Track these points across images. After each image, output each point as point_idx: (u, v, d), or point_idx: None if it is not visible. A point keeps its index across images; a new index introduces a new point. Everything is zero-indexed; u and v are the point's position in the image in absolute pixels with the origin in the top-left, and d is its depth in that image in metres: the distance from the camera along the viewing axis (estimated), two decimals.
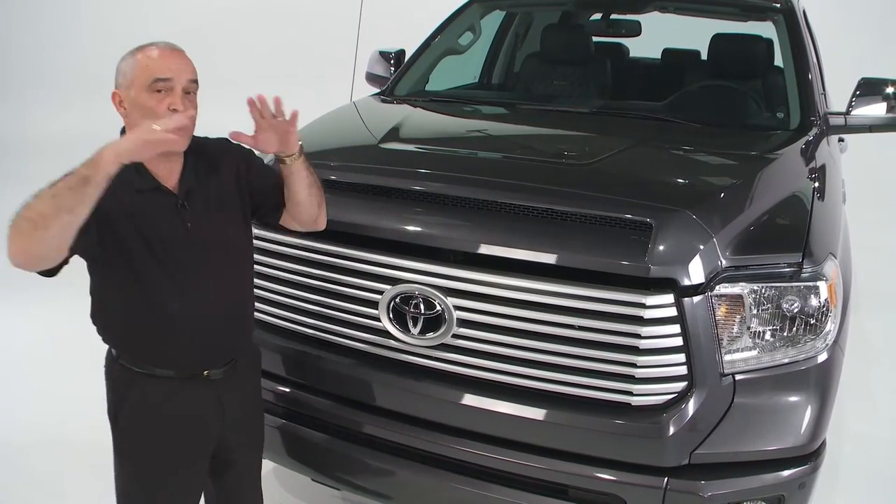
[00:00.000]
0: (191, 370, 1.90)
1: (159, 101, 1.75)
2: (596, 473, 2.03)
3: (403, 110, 3.23)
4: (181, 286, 1.81)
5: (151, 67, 1.75)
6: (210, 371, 1.92)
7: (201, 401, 1.93)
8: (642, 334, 1.94)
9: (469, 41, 3.96)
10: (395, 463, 2.21)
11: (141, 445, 1.91)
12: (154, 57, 1.77)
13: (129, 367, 1.88)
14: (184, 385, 1.90)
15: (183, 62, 1.81)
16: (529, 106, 3.41)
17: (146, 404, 1.88)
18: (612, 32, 4.29)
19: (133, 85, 1.76)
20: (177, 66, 1.78)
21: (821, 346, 2.04)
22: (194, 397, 1.92)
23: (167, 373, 1.88)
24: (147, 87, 1.74)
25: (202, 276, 1.85)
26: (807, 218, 2.24)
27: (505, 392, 2.09)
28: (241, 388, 2.04)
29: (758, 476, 2.02)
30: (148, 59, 1.76)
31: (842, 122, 3.02)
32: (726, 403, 2.00)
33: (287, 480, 3.05)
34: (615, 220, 2.02)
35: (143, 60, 1.76)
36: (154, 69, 1.75)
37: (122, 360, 1.89)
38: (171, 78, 1.76)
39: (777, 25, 3.38)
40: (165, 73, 1.75)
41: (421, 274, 2.10)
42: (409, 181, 2.27)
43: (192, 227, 1.84)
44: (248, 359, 2.07)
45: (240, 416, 2.04)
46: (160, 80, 1.74)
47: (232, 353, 1.98)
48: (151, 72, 1.75)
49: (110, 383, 1.93)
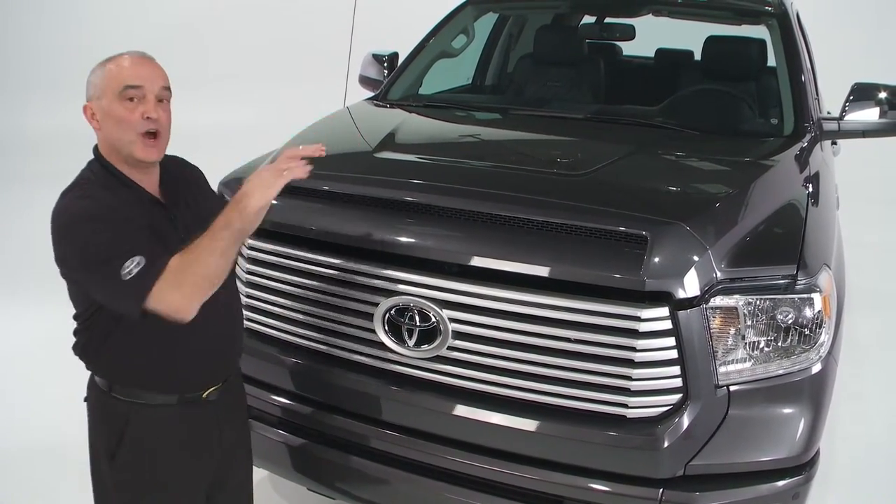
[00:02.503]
0: (194, 391, 1.87)
1: (131, 109, 1.72)
2: (591, 485, 2.03)
3: (397, 116, 3.22)
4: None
5: (121, 76, 1.72)
6: (209, 392, 1.90)
7: (201, 424, 1.91)
8: (637, 347, 1.94)
9: (463, 44, 3.96)
10: (390, 473, 2.21)
11: (143, 477, 1.85)
12: (124, 66, 1.74)
13: (125, 399, 1.82)
14: (184, 410, 1.86)
15: (153, 69, 1.77)
16: (523, 111, 3.41)
17: (148, 435, 1.83)
18: (605, 36, 4.29)
19: (104, 95, 1.73)
20: (147, 73, 1.75)
21: (815, 358, 2.05)
22: (194, 421, 1.89)
23: (168, 399, 1.83)
24: (118, 96, 1.71)
25: None
26: (801, 228, 2.24)
27: (500, 404, 2.09)
28: (233, 406, 2.03)
29: (752, 487, 2.03)
30: (118, 67, 1.74)
31: (835, 127, 3.02)
32: (721, 415, 2.01)
33: (283, 489, 3.05)
34: (610, 233, 2.02)
35: (112, 70, 1.74)
36: (124, 77, 1.72)
37: (116, 392, 1.83)
38: (142, 85, 1.73)
39: (771, 30, 3.39)
40: (136, 81, 1.72)
41: (416, 286, 2.10)
42: (404, 192, 2.27)
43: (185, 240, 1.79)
44: (237, 377, 2.06)
45: (233, 434, 2.03)
46: (130, 87, 1.72)
47: (229, 369, 1.97)
48: (121, 80, 1.72)
49: (103, 418, 1.85)
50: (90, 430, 1.91)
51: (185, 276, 1.62)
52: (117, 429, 1.83)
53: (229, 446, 2.01)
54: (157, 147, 1.76)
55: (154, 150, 1.76)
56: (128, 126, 1.71)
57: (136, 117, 1.71)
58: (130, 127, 1.71)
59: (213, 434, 1.94)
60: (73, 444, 3.21)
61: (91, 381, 1.90)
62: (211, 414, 1.92)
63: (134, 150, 1.73)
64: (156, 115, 1.73)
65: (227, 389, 1.96)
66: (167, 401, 1.84)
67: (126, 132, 1.72)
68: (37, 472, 3.15)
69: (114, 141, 1.75)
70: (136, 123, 1.71)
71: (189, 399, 1.87)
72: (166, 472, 1.87)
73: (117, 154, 1.76)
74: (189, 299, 1.64)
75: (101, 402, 1.86)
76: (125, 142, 1.73)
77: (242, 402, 2.12)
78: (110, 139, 1.75)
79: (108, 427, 1.84)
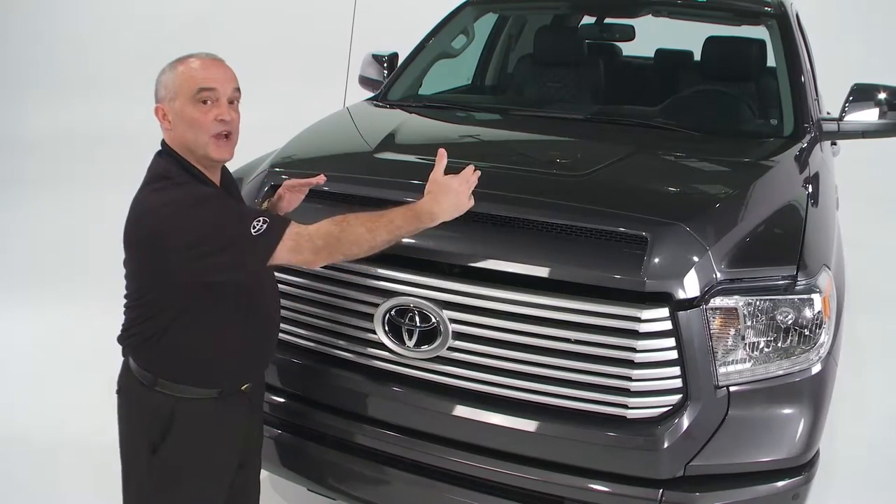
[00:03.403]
0: (236, 384, 1.93)
1: (205, 112, 1.76)
2: (591, 486, 2.03)
3: (397, 117, 3.22)
4: (247, 303, 1.83)
5: (195, 78, 1.76)
6: (248, 385, 1.96)
7: (238, 415, 1.97)
8: (638, 348, 1.94)
9: (462, 44, 3.96)
10: (390, 474, 2.22)
11: (184, 467, 1.89)
12: (196, 67, 1.77)
13: (171, 393, 1.85)
14: (224, 402, 1.91)
15: (225, 71, 1.81)
16: (523, 112, 3.41)
17: (191, 427, 1.87)
18: (605, 37, 4.29)
19: (177, 97, 1.76)
20: (220, 75, 1.79)
21: (814, 358, 2.06)
22: (233, 412, 1.95)
23: (210, 393, 1.88)
24: (192, 98, 1.75)
25: (261, 287, 1.87)
26: (801, 229, 2.25)
27: (500, 404, 2.09)
28: (259, 398, 2.11)
29: (752, 487, 2.04)
30: (190, 69, 1.77)
31: (835, 127, 3.03)
32: (721, 415, 2.01)
33: (283, 490, 3.05)
34: (611, 234, 2.02)
35: (185, 72, 1.77)
36: (198, 79, 1.76)
37: (161, 387, 1.85)
38: (216, 88, 1.77)
39: (770, 30, 3.39)
40: (210, 83, 1.76)
41: (416, 286, 2.10)
42: (404, 193, 2.26)
43: None
44: None
45: (258, 425, 2.11)
46: (205, 89, 1.75)
47: (267, 362, 2.04)
48: (196, 82, 1.75)
49: (144, 411, 1.87)
50: (125, 424, 1.94)
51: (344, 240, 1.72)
52: (161, 422, 1.85)
53: (253, 436, 2.09)
54: (229, 146, 1.82)
55: (227, 149, 1.81)
56: (201, 128, 1.75)
57: (209, 119, 1.76)
58: (204, 129, 1.75)
59: (244, 425, 2.00)
60: (73, 445, 3.24)
61: (127, 375, 1.92)
62: (245, 406, 1.98)
63: (209, 151, 1.78)
64: (229, 118, 1.78)
65: (258, 383, 2.04)
66: (209, 395, 1.88)
67: (200, 134, 1.76)
68: (37, 472, 3.15)
69: (188, 142, 1.79)
70: (210, 126, 1.76)
71: (228, 392, 1.92)
72: (205, 463, 1.91)
73: (191, 153, 1.81)
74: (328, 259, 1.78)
75: (142, 395, 1.88)
76: (200, 143, 1.78)
77: (262, 395, 2.20)
78: (184, 140, 1.79)
79: (149, 420, 1.86)
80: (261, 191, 2.43)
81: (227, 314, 1.84)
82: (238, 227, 1.69)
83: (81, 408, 3.47)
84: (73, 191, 6.72)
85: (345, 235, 1.72)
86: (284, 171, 2.49)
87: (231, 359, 1.87)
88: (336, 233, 1.72)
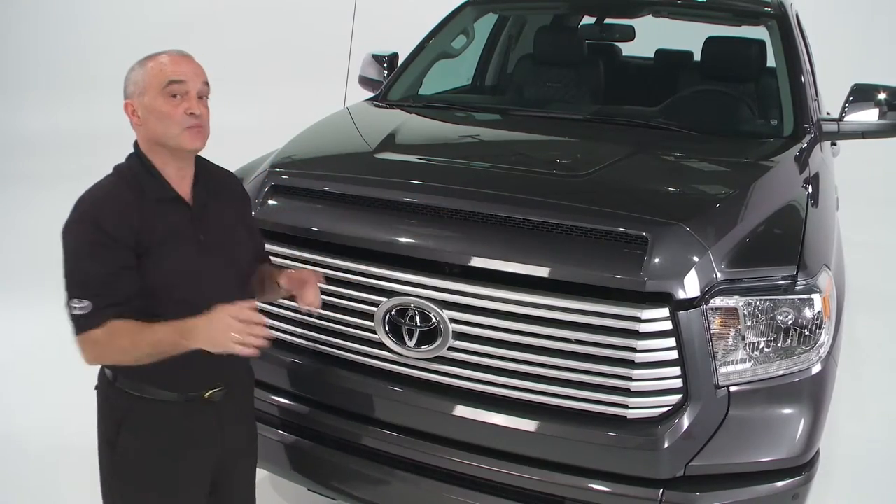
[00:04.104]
0: (194, 391, 1.89)
1: (175, 105, 1.76)
2: (591, 485, 2.04)
3: (397, 117, 3.22)
4: (192, 305, 1.77)
5: (165, 71, 1.77)
6: (211, 392, 1.91)
7: (201, 423, 1.92)
8: (638, 348, 1.95)
9: (462, 45, 3.96)
10: (391, 474, 2.22)
11: (140, 469, 1.88)
12: (166, 62, 1.79)
13: (128, 391, 1.85)
14: (184, 407, 1.88)
15: (194, 66, 1.82)
16: (523, 112, 3.41)
17: (146, 427, 1.86)
18: (605, 37, 4.29)
19: (147, 91, 1.77)
20: (189, 69, 1.80)
21: (814, 358, 2.06)
22: (194, 420, 1.91)
23: (169, 396, 1.86)
24: (162, 91, 1.76)
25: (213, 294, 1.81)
26: (801, 229, 2.25)
27: (501, 404, 2.10)
28: (238, 408, 2.03)
29: (752, 487, 2.04)
30: (160, 64, 1.78)
31: (835, 128, 3.03)
32: (721, 415, 2.01)
33: (283, 489, 3.05)
34: (611, 234, 2.02)
35: (155, 67, 1.78)
36: (168, 72, 1.77)
37: (120, 384, 1.86)
38: (185, 80, 1.77)
39: (770, 31, 3.39)
40: (179, 76, 1.77)
41: (416, 286, 2.10)
42: (404, 193, 2.27)
43: (205, 241, 1.85)
44: (244, 377, 2.07)
45: (237, 435, 2.03)
46: (174, 82, 1.76)
47: (234, 371, 1.97)
48: (165, 75, 1.76)
49: (106, 408, 1.90)
50: (97, 419, 1.94)
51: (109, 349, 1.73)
52: (117, 419, 1.86)
53: (232, 447, 2.01)
54: (202, 136, 1.81)
55: (200, 138, 1.81)
56: (172, 121, 1.76)
57: (179, 112, 1.76)
58: (175, 122, 1.76)
59: (213, 433, 1.95)
60: (73, 445, 3.24)
61: (100, 370, 1.93)
62: (212, 413, 1.93)
63: (181, 142, 1.78)
64: (199, 111, 1.78)
65: (232, 392, 1.96)
66: (168, 397, 1.86)
67: (171, 126, 1.76)
68: (37, 472, 3.15)
69: (158, 136, 1.79)
70: (181, 119, 1.76)
71: (190, 398, 1.89)
72: (162, 465, 1.88)
73: (160, 148, 1.81)
74: (97, 362, 1.80)
75: (106, 391, 1.90)
76: (171, 135, 1.77)
77: (249, 404, 2.13)
78: (154, 134, 1.79)
79: (109, 416, 1.88)
80: (261, 191, 2.43)
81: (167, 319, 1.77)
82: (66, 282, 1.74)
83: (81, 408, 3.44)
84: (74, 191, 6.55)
85: (110, 346, 1.72)
86: (285, 171, 2.49)
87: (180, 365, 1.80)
88: (102, 342, 1.72)
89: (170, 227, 1.80)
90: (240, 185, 2.13)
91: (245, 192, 2.13)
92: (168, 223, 1.80)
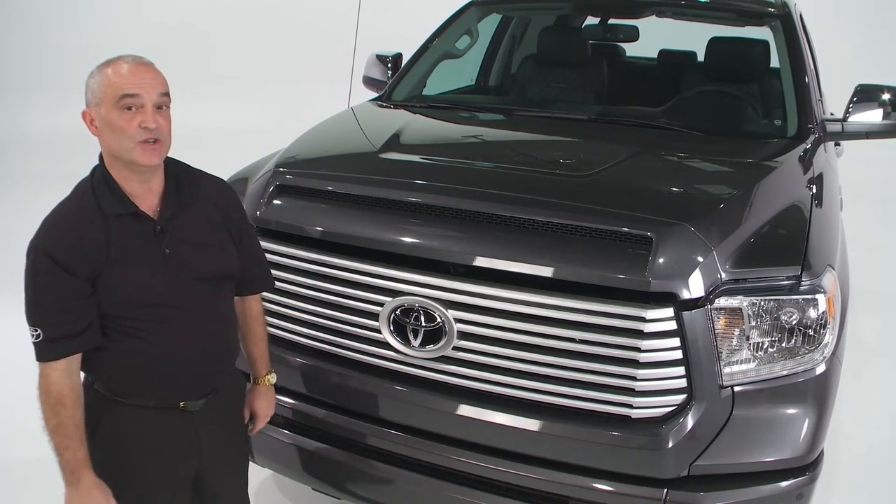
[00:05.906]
0: (167, 402, 1.86)
1: (129, 119, 1.68)
2: (596, 485, 2.04)
3: (402, 117, 3.23)
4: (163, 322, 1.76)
5: (118, 84, 1.68)
6: (187, 402, 1.88)
7: (177, 432, 1.89)
8: (642, 347, 1.95)
9: (466, 45, 3.97)
10: (395, 473, 2.22)
11: (114, 472, 1.82)
12: (122, 73, 1.69)
13: (103, 393, 1.84)
14: (159, 415, 1.85)
15: (151, 76, 1.73)
16: (527, 113, 3.41)
17: (120, 431, 1.84)
18: (609, 37, 4.29)
19: (102, 103, 1.69)
20: (145, 81, 1.71)
21: (819, 359, 2.06)
22: (170, 428, 1.87)
23: (145, 403, 1.84)
24: (116, 105, 1.68)
25: (180, 308, 1.79)
26: (805, 229, 2.25)
27: (505, 404, 2.10)
28: (222, 418, 1.99)
29: (756, 487, 2.04)
30: (116, 75, 1.69)
31: (839, 128, 3.03)
32: (725, 415, 2.01)
33: (287, 490, 3.06)
34: (615, 234, 2.03)
35: (110, 76, 1.69)
36: (121, 85, 1.68)
37: (98, 386, 1.84)
38: (139, 94, 1.69)
39: (774, 31, 3.40)
40: (133, 90, 1.68)
41: (421, 286, 2.11)
42: (409, 193, 2.28)
43: (171, 255, 1.78)
44: (229, 386, 2.03)
45: (221, 445, 1.99)
46: (128, 95, 1.68)
47: (211, 384, 1.93)
48: (119, 88, 1.68)
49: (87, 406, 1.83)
50: None
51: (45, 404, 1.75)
52: (93, 418, 1.82)
53: (214, 454, 1.97)
54: (157, 152, 1.73)
55: (155, 154, 1.72)
56: (125, 135, 1.68)
57: (133, 126, 1.68)
58: (129, 136, 1.68)
59: (191, 440, 1.91)
60: None
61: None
62: (190, 423, 1.90)
63: (135, 157, 1.70)
64: (154, 125, 1.69)
65: (211, 402, 1.93)
66: (143, 403, 1.84)
67: (124, 140, 1.69)
68: (36, 472, 3.14)
69: (113, 149, 1.73)
70: (135, 132, 1.68)
71: (165, 406, 1.86)
72: (134, 469, 1.86)
73: (118, 160, 1.74)
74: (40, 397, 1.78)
75: (86, 390, 1.86)
76: (125, 149, 1.70)
77: (232, 411, 2.08)
78: (110, 147, 1.73)
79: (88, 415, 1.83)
80: (266, 191, 2.44)
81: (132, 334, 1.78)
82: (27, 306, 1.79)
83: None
84: None
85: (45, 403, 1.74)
86: (289, 170, 2.50)
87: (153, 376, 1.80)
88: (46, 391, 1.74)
89: (130, 243, 1.74)
90: (226, 195, 1.98)
91: (233, 202, 1.99)
92: (128, 239, 1.74)
